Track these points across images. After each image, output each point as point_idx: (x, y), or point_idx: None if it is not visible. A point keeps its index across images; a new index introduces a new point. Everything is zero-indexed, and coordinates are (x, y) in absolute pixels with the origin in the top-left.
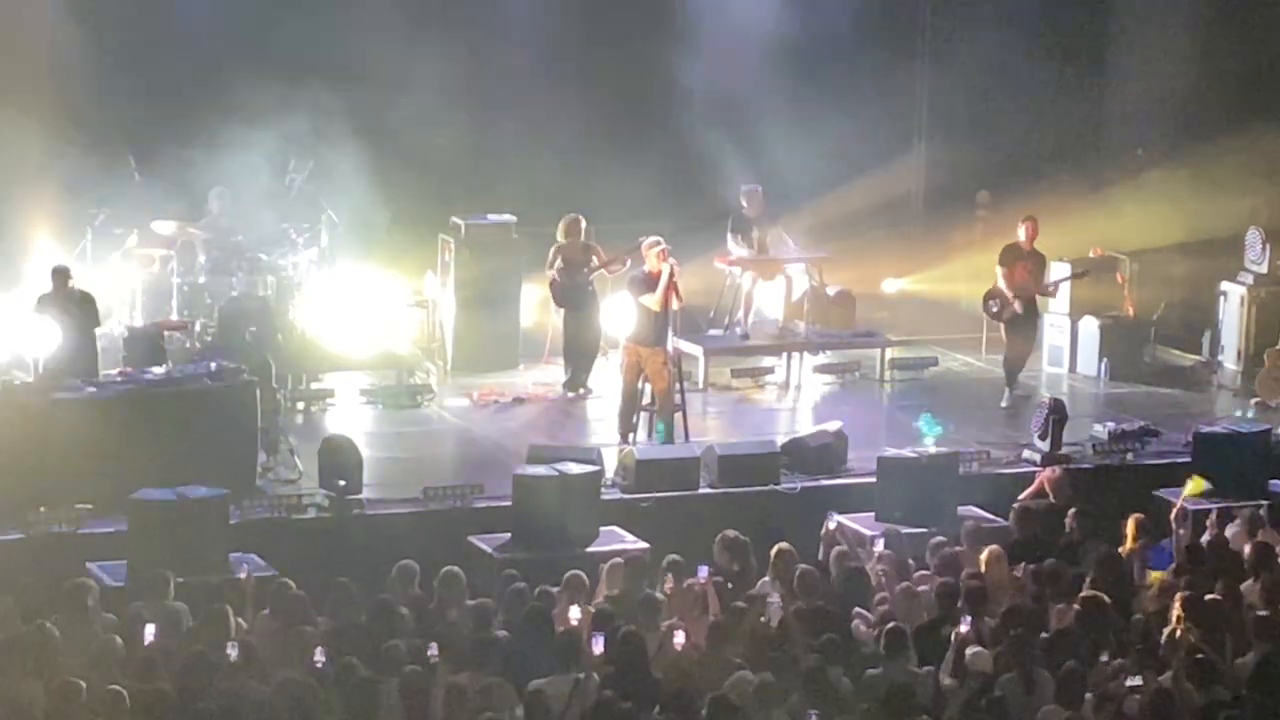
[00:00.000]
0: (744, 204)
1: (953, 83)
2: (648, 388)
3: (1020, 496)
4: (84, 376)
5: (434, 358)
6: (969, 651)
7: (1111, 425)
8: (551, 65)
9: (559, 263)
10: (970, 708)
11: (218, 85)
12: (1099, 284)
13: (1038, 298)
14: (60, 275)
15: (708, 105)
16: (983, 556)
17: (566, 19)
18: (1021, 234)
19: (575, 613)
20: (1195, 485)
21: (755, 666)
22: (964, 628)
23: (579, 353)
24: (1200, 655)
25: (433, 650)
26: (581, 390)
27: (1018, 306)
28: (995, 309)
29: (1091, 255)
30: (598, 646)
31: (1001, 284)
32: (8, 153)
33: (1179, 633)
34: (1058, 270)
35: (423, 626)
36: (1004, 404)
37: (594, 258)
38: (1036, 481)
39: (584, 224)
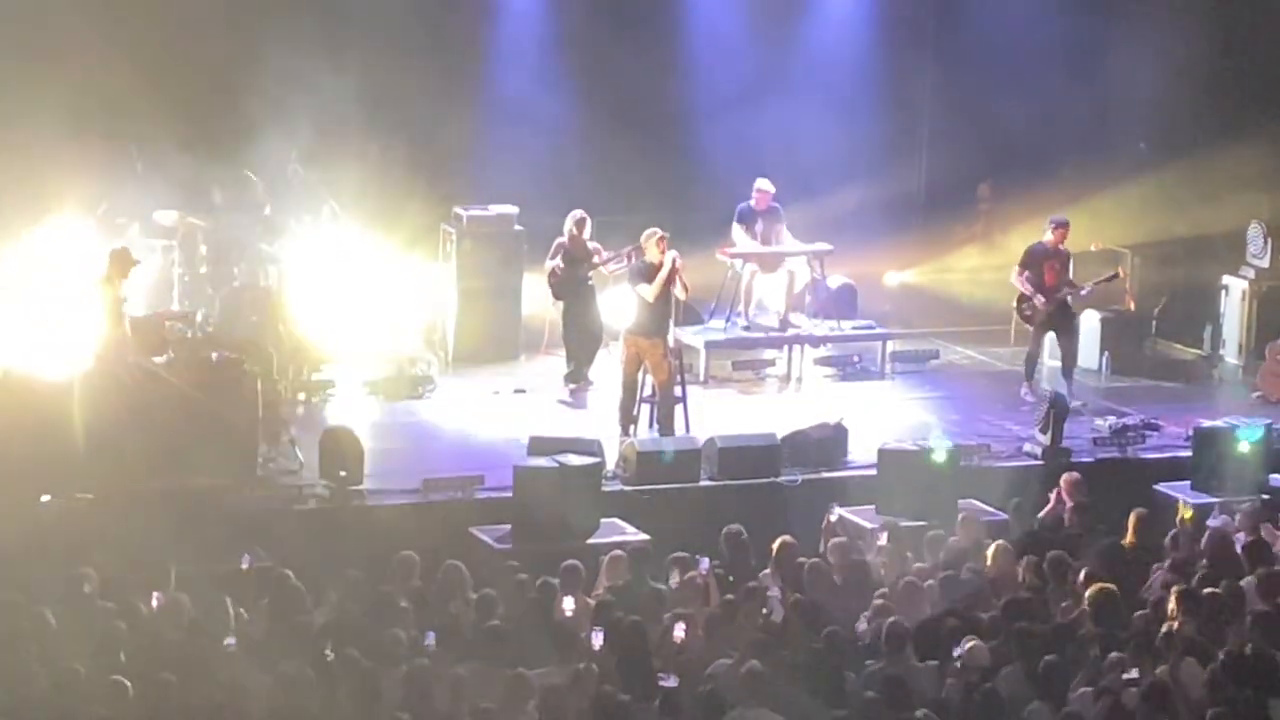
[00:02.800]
0: (754, 197)
1: (956, 76)
2: (648, 379)
3: (1041, 514)
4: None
5: (435, 349)
6: (965, 644)
7: (1112, 419)
8: (554, 56)
9: (560, 257)
10: (967, 701)
11: (221, 76)
12: (1100, 278)
13: (1069, 297)
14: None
15: (710, 98)
16: (990, 550)
17: (569, 10)
18: (1049, 235)
19: (570, 603)
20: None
21: (754, 659)
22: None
23: (580, 345)
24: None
25: (429, 639)
26: (583, 382)
27: (1050, 308)
28: (1029, 313)
29: (1093, 249)
30: (597, 640)
31: (1027, 287)
32: (11, 142)
33: (1176, 626)
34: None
35: (422, 618)
36: (1029, 398)
37: (595, 256)
38: (1057, 492)
39: (590, 223)
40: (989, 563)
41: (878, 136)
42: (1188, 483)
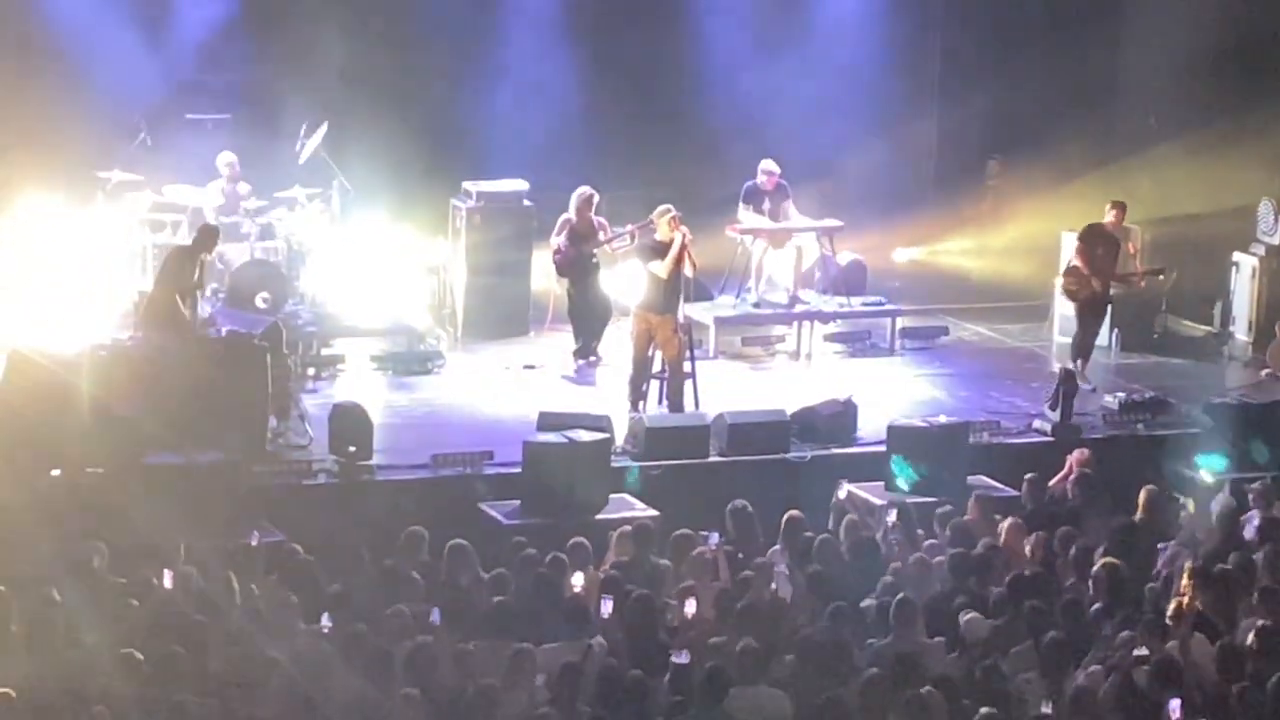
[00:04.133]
0: (761, 178)
1: (965, 52)
2: (658, 355)
3: (1051, 482)
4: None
5: (444, 324)
6: (964, 619)
7: (1122, 396)
8: (565, 31)
9: (565, 234)
10: (971, 676)
11: (229, 51)
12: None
13: (1113, 283)
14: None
15: (720, 74)
16: (1002, 527)
17: None
18: (1109, 216)
19: (579, 579)
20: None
21: (760, 635)
22: None
23: (588, 320)
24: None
25: (435, 616)
26: (592, 358)
27: (1096, 287)
28: (1074, 288)
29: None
30: (606, 608)
31: (1079, 262)
32: (19, 116)
33: (1185, 603)
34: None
35: (431, 593)
36: (1089, 387)
37: (600, 233)
38: (1067, 465)
39: (596, 199)
40: (1001, 539)
41: (887, 113)
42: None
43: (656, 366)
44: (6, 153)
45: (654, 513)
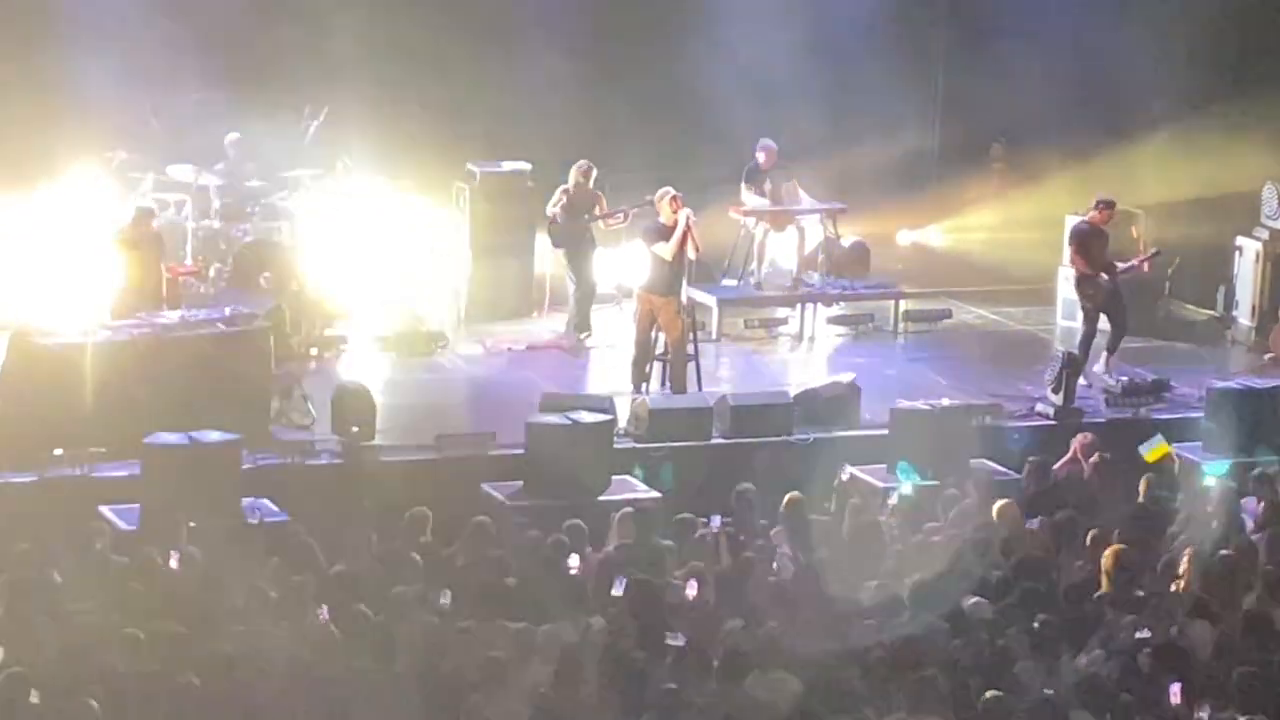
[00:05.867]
0: (760, 158)
1: (970, 35)
2: (661, 337)
3: (1055, 466)
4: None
5: (448, 305)
6: (968, 602)
7: (1125, 379)
8: (568, 12)
9: (562, 203)
10: (976, 659)
11: (234, 30)
12: (1115, 239)
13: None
14: (145, 215)
15: (724, 55)
16: (995, 509)
17: None
18: (1093, 213)
19: (574, 559)
20: (1159, 449)
21: (763, 617)
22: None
23: (581, 296)
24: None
25: (445, 598)
26: (586, 334)
27: (1110, 286)
28: (1091, 291)
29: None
30: (619, 588)
31: (1087, 268)
32: (25, 96)
33: (1184, 585)
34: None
35: (433, 573)
36: (1110, 378)
37: (597, 206)
38: (1070, 450)
39: (595, 172)
40: (995, 521)
41: (892, 95)
42: (1199, 444)
43: (659, 348)
44: (12, 134)
45: (656, 494)
